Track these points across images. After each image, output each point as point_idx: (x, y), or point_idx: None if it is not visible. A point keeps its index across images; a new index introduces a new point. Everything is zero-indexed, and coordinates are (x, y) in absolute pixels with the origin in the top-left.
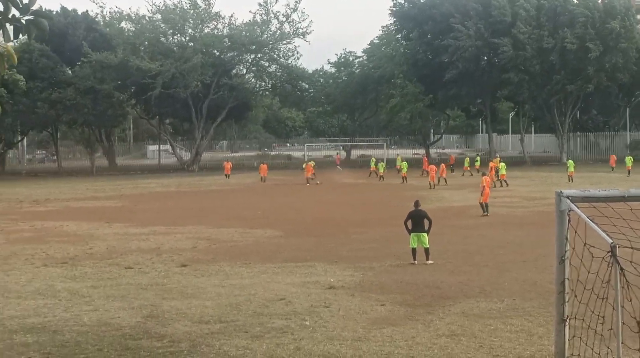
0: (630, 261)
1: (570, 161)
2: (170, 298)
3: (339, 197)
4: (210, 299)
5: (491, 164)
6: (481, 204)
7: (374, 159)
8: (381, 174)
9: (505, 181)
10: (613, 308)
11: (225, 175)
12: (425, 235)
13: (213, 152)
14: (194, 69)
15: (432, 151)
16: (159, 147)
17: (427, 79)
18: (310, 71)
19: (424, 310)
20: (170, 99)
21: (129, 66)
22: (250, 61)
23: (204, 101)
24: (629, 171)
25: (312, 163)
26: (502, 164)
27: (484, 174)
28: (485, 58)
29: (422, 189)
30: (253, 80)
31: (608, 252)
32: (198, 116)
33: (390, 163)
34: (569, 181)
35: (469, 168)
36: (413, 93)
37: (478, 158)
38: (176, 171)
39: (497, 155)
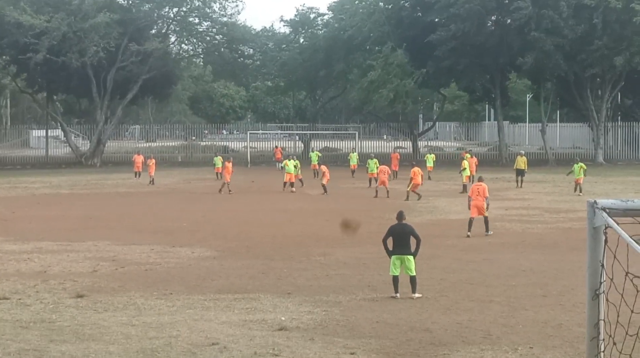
0: None
1: (579, 164)
2: (61, 340)
3: (296, 205)
4: (116, 343)
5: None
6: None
7: (354, 155)
8: (354, 168)
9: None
10: None
11: (135, 173)
12: (411, 258)
13: (121, 141)
14: (94, 28)
15: (421, 143)
16: (47, 133)
17: (414, 44)
18: (255, 31)
19: None
20: (63, 68)
21: (4, 21)
22: (173, 16)
23: (109, 70)
24: None
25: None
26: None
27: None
28: (493, 18)
29: (383, 197)
30: (177, 44)
31: None
32: (100, 92)
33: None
34: (576, 190)
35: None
36: (401, 64)
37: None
38: (70, 165)
39: (469, 149)
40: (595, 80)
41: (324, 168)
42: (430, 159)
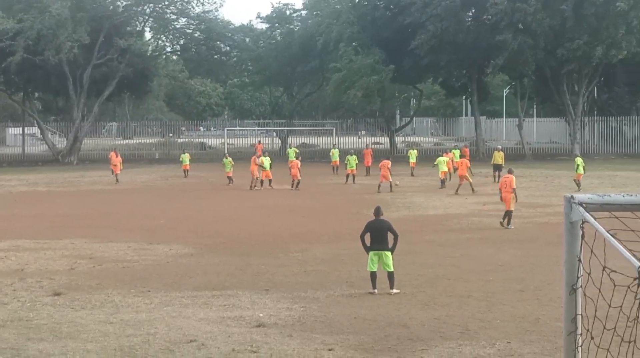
0: None
1: (579, 159)
2: (38, 339)
3: (274, 201)
4: (94, 340)
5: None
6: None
7: (335, 151)
8: (335, 164)
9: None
10: None
11: (112, 171)
12: (388, 254)
13: (98, 138)
14: (61, 24)
15: (398, 139)
16: (23, 130)
17: (391, 43)
18: (234, 26)
19: (387, 357)
20: (39, 66)
21: None
22: (149, 12)
23: (86, 68)
24: None
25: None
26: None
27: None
28: (470, 14)
29: (385, 191)
30: (154, 40)
31: (635, 279)
32: (77, 89)
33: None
34: (578, 187)
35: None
36: (369, 65)
37: (456, 151)
38: (47, 163)
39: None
40: (572, 75)
41: (295, 163)
42: (412, 155)
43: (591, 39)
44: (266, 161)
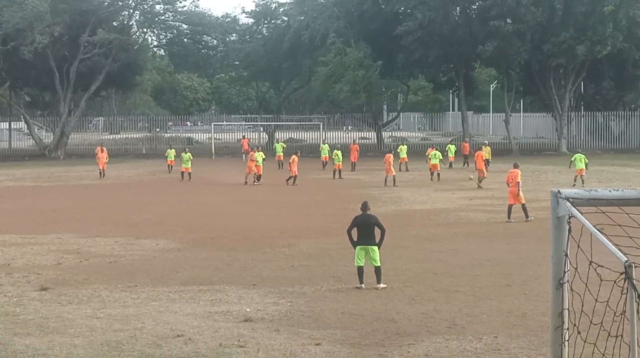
0: None
1: (580, 155)
2: (25, 333)
3: (262, 197)
4: (81, 335)
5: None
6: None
7: (325, 146)
8: (325, 159)
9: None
10: (629, 350)
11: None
12: (376, 248)
13: (85, 133)
14: (38, 17)
15: (385, 134)
16: (10, 125)
17: (379, 37)
18: (216, 18)
19: (374, 352)
20: (25, 60)
21: None
22: (134, 5)
23: (72, 62)
24: None
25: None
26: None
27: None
28: (458, 8)
29: (372, 186)
30: (140, 34)
31: (621, 273)
32: (64, 84)
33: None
34: (580, 182)
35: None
36: (357, 59)
37: (451, 147)
38: (34, 158)
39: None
40: (559, 70)
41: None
42: (403, 150)
43: (577, 34)
44: (259, 156)
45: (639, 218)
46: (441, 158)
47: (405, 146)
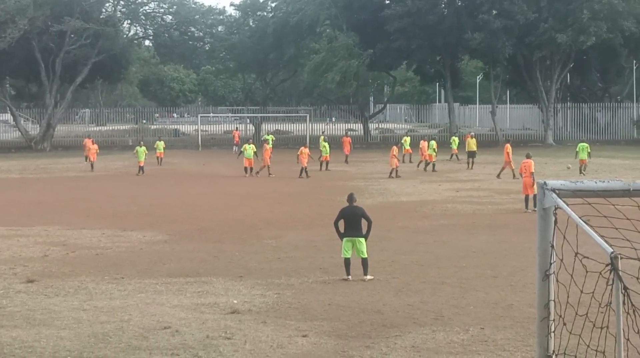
0: (638, 278)
1: (583, 144)
2: (12, 326)
3: (248, 188)
4: (68, 328)
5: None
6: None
7: (322, 137)
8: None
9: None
10: (615, 341)
11: (86, 157)
12: (362, 240)
13: (71, 125)
14: (21, 10)
15: (372, 126)
16: None
17: (365, 27)
18: (204, 8)
19: (361, 343)
20: (10, 52)
21: None
22: None
23: (58, 54)
24: None
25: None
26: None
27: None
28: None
29: (359, 178)
30: (125, 25)
31: (607, 265)
32: (50, 75)
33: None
34: (581, 172)
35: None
36: (346, 46)
37: (455, 139)
38: (20, 150)
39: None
40: (545, 62)
41: (304, 150)
42: (407, 142)
43: (555, 22)
44: (249, 148)
45: (625, 209)
46: (435, 148)
47: (409, 138)
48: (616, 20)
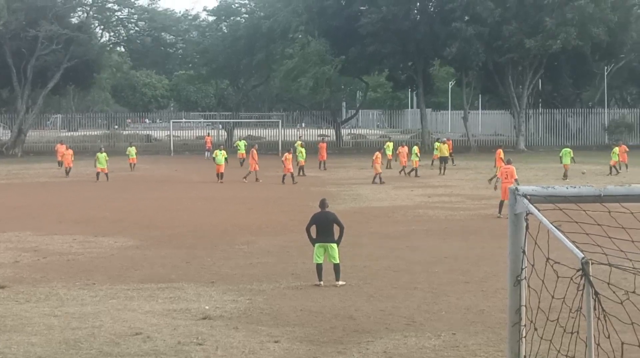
0: (608, 283)
1: (566, 149)
2: None
3: (221, 194)
4: (38, 334)
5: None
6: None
7: (299, 142)
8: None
9: (615, 167)
10: (586, 346)
11: (59, 162)
12: (334, 246)
13: (43, 130)
14: None
15: (344, 131)
16: None
17: (338, 33)
18: (177, 14)
19: (333, 349)
20: None
21: None
22: (90, 2)
23: (29, 59)
24: (612, 167)
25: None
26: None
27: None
28: (418, 4)
29: (332, 184)
30: (97, 31)
31: (578, 270)
32: (21, 81)
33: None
34: (564, 177)
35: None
36: (318, 52)
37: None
38: None
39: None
40: (517, 67)
41: (288, 156)
42: (389, 147)
43: (526, 27)
44: (220, 154)
45: (596, 215)
46: (417, 152)
47: (392, 143)
48: (586, 26)
